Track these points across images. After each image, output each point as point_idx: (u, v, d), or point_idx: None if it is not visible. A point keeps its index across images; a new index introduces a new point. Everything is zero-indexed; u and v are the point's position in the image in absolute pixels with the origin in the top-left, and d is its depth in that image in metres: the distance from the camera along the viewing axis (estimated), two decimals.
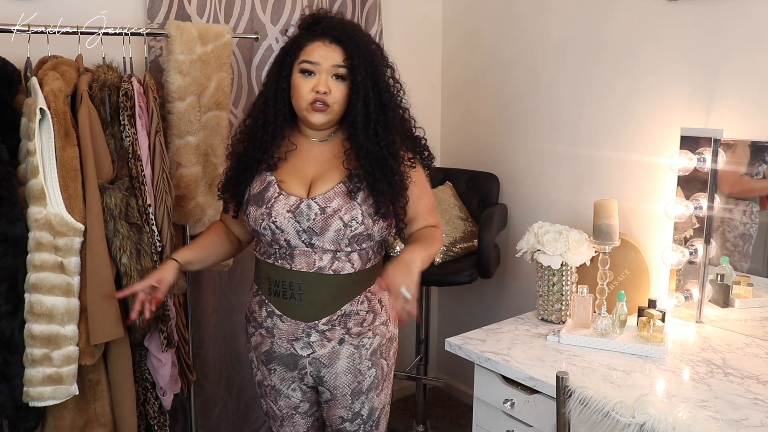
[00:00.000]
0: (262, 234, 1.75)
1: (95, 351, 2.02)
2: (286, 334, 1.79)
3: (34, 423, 2.01)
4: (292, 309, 1.76)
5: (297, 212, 1.71)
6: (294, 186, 1.74)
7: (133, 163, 2.06)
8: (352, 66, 1.70)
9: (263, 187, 1.75)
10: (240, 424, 2.85)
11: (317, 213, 1.70)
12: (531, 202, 2.87)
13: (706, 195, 2.19)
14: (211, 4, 2.49)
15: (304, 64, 1.70)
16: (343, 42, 1.71)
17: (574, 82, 2.63)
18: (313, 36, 1.72)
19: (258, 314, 1.83)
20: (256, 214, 1.73)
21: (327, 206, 1.70)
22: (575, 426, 1.52)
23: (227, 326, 2.75)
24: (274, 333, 1.80)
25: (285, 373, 1.84)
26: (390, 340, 1.88)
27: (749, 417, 1.64)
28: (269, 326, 1.81)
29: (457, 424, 3.16)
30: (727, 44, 2.16)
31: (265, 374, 1.88)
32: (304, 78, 1.71)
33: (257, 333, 1.85)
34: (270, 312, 1.80)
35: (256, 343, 1.86)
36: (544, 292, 2.25)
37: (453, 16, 3.15)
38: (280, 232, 1.72)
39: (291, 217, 1.71)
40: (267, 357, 1.84)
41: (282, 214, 1.71)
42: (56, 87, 1.91)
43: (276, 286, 1.77)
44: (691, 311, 2.26)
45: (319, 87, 1.69)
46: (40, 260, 1.87)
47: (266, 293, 1.80)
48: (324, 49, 1.70)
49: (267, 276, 1.79)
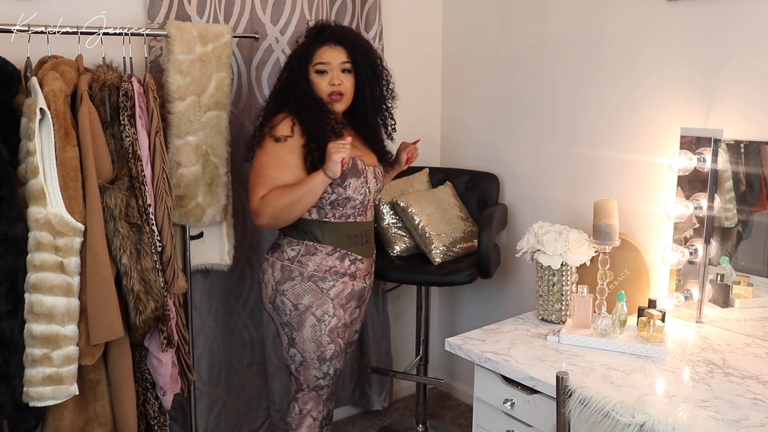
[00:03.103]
0: (354, 199, 2.18)
1: (95, 351, 2.02)
2: (363, 271, 2.28)
3: (34, 423, 2.01)
4: (367, 251, 2.28)
5: (377, 178, 2.27)
6: (363, 157, 2.23)
7: (133, 163, 2.06)
8: (354, 61, 2.18)
9: (353, 162, 2.15)
10: (240, 424, 2.85)
11: (380, 177, 2.29)
12: (531, 202, 2.87)
13: (706, 195, 2.19)
14: (211, 4, 2.49)
15: (318, 66, 2.16)
16: (344, 43, 2.18)
17: (574, 82, 2.63)
18: (320, 42, 2.18)
19: (340, 266, 2.21)
20: (357, 183, 2.17)
21: (380, 172, 2.29)
22: (575, 426, 1.52)
23: (227, 326, 2.75)
24: (356, 275, 2.25)
25: (354, 306, 2.31)
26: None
27: (749, 417, 1.64)
28: (353, 271, 2.24)
29: (457, 424, 3.16)
30: (727, 44, 2.16)
31: (341, 315, 2.24)
32: (320, 77, 2.17)
33: (339, 282, 2.21)
34: (353, 259, 2.23)
35: (338, 292, 2.21)
36: (544, 292, 2.25)
37: (453, 16, 3.15)
38: (369, 195, 2.23)
39: (375, 182, 2.25)
40: (348, 298, 2.26)
41: (371, 181, 2.23)
42: (56, 87, 1.91)
43: (356, 238, 2.23)
44: (691, 311, 2.26)
45: (334, 80, 2.16)
46: (40, 260, 1.87)
47: (346, 247, 2.21)
48: (331, 51, 2.17)
49: (346, 233, 2.21)
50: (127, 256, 2.03)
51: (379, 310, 3.13)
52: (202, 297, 2.65)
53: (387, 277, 2.68)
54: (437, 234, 2.72)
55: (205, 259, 2.51)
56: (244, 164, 2.66)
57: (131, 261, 2.04)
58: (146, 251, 2.07)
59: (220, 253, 2.52)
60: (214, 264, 2.53)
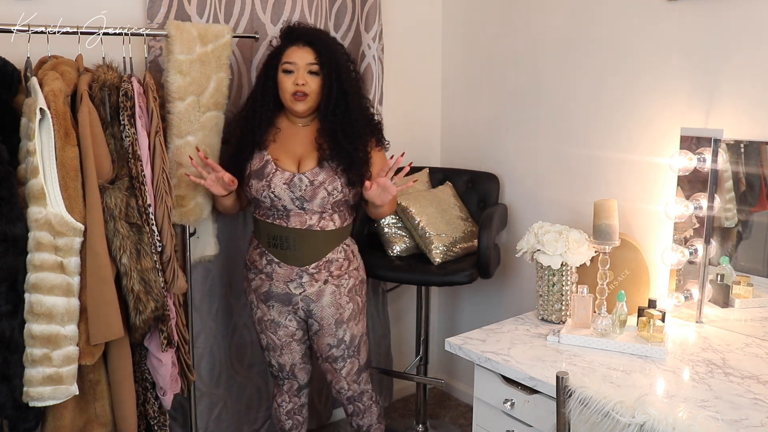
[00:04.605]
0: (262, 201, 2.22)
1: (95, 351, 2.01)
2: (283, 277, 2.26)
3: (34, 423, 2.01)
4: (288, 257, 2.24)
5: (291, 184, 2.19)
6: (287, 163, 2.22)
7: (133, 163, 2.06)
8: (321, 63, 2.19)
9: (262, 165, 2.21)
10: (240, 424, 2.85)
11: (307, 185, 2.19)
12: (531, 202, 2.87)
13: (706, 195, 2.19)
14: (211, 4, 2.49)
15: (285, 65, 2.20)
16: (313, 44, 2.20)
17: (574, 81, 2.63)
18: (290, 42, 2.22)
19: (258, 262, 2.29)
20: (258, 186, 2.20)
21: (314, 179, 2.19)
22: (575, 426, 1.52)
23: (227, 326, 2.75)
24: (273, 276, 2.27)
25: (282, 308, 2.30)
26: (362, 282, 2.39)
27: (749, 417, 1.64)
28: (269, 271, 2.27)
29: (457, 424, 3.16)
30: (727, 44, 2.16)
31: (264, 311, 2.33)
32: (287, 76, 2.20)
33: (257, 277, 2.30)
34: (269, 260, 2.26)
35: (256, 286, 2.31)
36: (544, 292, 2.25)
37: (453, 16, 3.15)
38: (278, 200, 2.19)
39: (286, 188, 2.18)
40: (266, 296, 2.30)
41: (279, 186, 2.18)
42: (56, 87, 1.91)
43: (274, 240, 2.24)
44: (691, 311, 2.26)
45: (298, 80, 2.18)
46: (40, 260, 1.87)
47: (266, 246, 2.27)
48: (299, 52, 2.20)
49: (266, 232, 2.26)
50: (127, 256, 2.03)
51: (379, 310, 3.13)
52: (203, 297, 2.65)
53: (387, 277, 2.68)
54: (437, 234, 2.72)
55: (200, 253, 2.51)
56: None
57: (131, 261, 2.04)
58: (146, 251, 2.07)
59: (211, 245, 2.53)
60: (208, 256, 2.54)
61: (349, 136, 2.19)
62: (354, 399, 2.43)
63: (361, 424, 2.49)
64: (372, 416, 2.49)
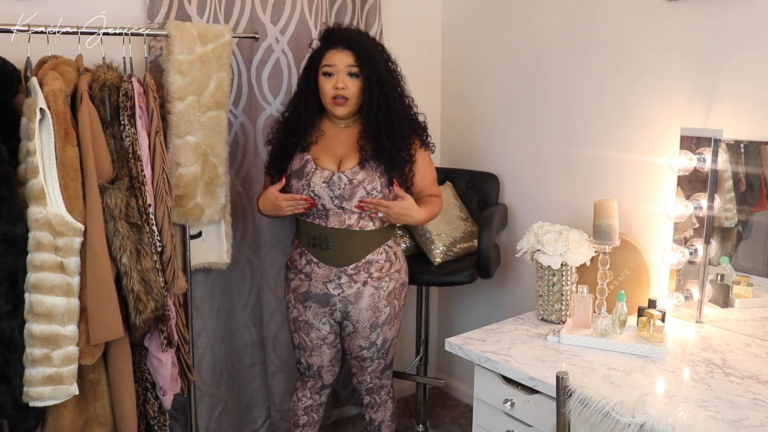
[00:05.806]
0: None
1: (95, 351, 2.02)
2: (322, 277, 2.26)
3: (34, 423, 2.01)
4: (327, 257, 2.24)
5: (330, 183, 2.19)
6: (327, 162, 2.23)
7: (133, 163, 2.06)
8: (360, 65, 2.18)
9: (302, 165, 2.23)
10: (240, 424, 2.85)
11: (346, 183, 2.18)
12: (531, 202, 2.87)
13: (706, 195, 2.19)
14: (211, 4, 2.49)
15: (325, 68, 2.20)
16: (352, 47, 2.19)
17: (574, 81, 2.63)
18: (329, 45, 2.22)
19: (298, 262, 2.30)
20: (298, 185, 2.21)
21: (354, 178, 2.19)
22: (575, 426, 1.52)
23: (227, 326, 2.75)
24: (312, 276, 2.27)
25: (318, 309, 2.30)
26: (402, 285, 2.36)
27: (749, 417, 1.64)
28: (308, 271, 2.27)
29: (457, 424, 3.16)
30: (727, 44, 2.16)
31: (300, 311, 2.33)
32: (327, 79, 2.21)
33: (297, 277, 2.31)
34: (309, 260, 2.27)
35: (296, 286, 2.32)
36: (544, 292, 2.25)
37: (453, 15, 3.15)
38: (317, 198, 2.19)
39: (326, 187, 2.19)
40: (304, 296, 2.30)
41: (318, 184, 2.19)
42: (56, 87, 1.91)
43: (314, 239, 2.24)
44: (691, 311, 2.26)
45: (338, 84, 2.18)
46: (40, 260, 1.87)
47: (306, 245, 2.28)
48: (339, 55, 2.19)
49: (306, 232, 2.26)
50: (127, 256, 2.03)
51: None
52: (203, 297, 2.65)
53: None
54: (437, 234, 2.72)
55: (203, 258, 2.51)
56: (244, 163, 2.66)
57: (131, 261, 2.04)
58: (146, 251, 2.07)
59: (219, 251, 2.52)
60: (212, 263, 2.53)
61: (392, 137, 2.19)
62: (372, 391, 2.46)
63: (374, 417, 2.50)
64: (386, 412, 2.50)
